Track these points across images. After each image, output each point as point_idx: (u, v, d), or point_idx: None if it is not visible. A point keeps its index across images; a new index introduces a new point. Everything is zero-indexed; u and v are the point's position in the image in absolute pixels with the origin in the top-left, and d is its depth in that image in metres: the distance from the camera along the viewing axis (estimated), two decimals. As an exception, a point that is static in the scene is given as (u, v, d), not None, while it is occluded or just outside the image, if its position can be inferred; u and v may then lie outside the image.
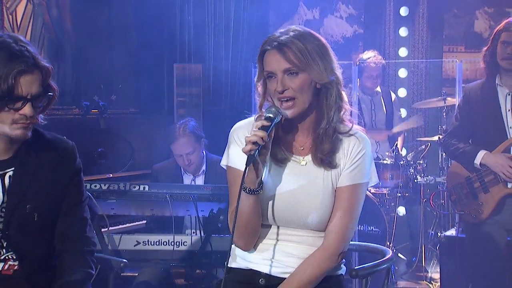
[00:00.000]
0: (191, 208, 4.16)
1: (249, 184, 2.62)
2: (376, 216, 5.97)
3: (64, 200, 2.82)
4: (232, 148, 2.83)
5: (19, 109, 2.59)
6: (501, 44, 4.26)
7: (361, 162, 2.76)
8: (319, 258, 2.74)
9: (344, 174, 2.75)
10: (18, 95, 2.57)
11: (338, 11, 8.06)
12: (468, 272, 4.71)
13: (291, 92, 2.63)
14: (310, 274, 2.72)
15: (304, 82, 2.64)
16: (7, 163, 2.74)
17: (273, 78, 2.66)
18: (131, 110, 7.16)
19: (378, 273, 2.99)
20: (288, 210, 2.75)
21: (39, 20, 6.24)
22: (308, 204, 2.74)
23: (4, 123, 2.61)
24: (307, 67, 2.62)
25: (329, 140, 2.72)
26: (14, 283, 2.72)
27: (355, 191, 2.77)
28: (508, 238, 4.42)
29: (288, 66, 2.62)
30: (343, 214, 2.75)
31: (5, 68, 2.54)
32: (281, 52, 2.62)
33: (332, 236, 2.75)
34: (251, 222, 2.71)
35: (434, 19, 7.81)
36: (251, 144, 2.52)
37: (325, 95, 2.71)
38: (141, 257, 4.13)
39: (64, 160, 2.84)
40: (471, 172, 4.42)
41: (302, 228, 2.77)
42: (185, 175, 5.18)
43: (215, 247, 4.10)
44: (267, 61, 2.68)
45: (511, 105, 4.30)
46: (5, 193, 2.72)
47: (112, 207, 4.18)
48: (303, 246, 2.78)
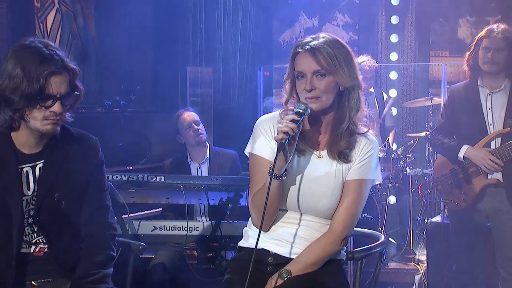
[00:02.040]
0: (203, 197, 4.15)
1: (277, 170, 2.63)
2: (369, 205, 5.95)
3: (88, 190, 2.83)
4: (257, 138, 2.85)
5: (49, 107, 2.62)
6: (483, 50, 4.25)
7: (369, 160, 2.81)
8: (325, 242, 2.77)
9: (353, 169, 2.79)
10: (49, 94, 2.60)
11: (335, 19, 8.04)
12: (452, 255, 4.70)
13: (318, 92, 2.67)
14: (316, 255, 2.75)
15: (329, 84, 2.68)
16: (37, 156, 2.75)
17: (303, 78, 2.70)
18: (148, 108, 7.16)
19: (371, 255, 2.99)
20: (302, 196, 2.78)
21: (67, 28, 6.24)
22: (320, 193, 2.78)
23: (36, 119, 2.62)
24: (334, 71, 2.67)
25: (347, 138, 2.76)
26: (44, 264, 2.74)
27: (362, 185, 2.81)
28: (488, 224, 4.41)
29: (317, 68, 2.66)
30: (349, 204, 2.78)
31: (37, 70, 2.56)
32: (313, 55, 2.66)
33: (338, 223, 2.78)
34: (273, 205, 2.72)
35: (421, 27, 7.79)
36: (282, 134, 2.55)
37: (347, 97, 2.75)
38: (157, 241, 4.12)
39: (88, 153, 2.84)
40: (455, 165, 4.41)
41: (312, 214, 2.80)
42: (192, 163, 5.19)
43: (224, 232, 4.10)
44: (298, 62, 2.71)
45: (491, 104, 4.28)
46: (36, 183, 2.73)
47: (132, 196, 4.17)
48: (311, 230, 2.81)
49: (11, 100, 2.59)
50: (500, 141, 4.24)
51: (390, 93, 7.61)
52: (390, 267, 6.12)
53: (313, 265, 2.75)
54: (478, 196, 4.32)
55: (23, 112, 2.62)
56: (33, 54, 2.59)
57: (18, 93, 2.57)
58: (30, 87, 2.56)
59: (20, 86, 2.56)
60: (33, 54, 2.59)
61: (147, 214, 5.21)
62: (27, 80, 2.56)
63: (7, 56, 2.63)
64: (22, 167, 2.73)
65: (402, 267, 6.13)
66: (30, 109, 2.61)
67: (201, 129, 5.18)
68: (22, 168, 2.73)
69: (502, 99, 4.27)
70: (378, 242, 3.07)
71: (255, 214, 2.80)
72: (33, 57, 2.59)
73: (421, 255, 6.25)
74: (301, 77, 2.71)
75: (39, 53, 2.60)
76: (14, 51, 2.63)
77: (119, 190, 3.95)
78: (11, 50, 2.65)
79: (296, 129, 2.58)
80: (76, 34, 6.37)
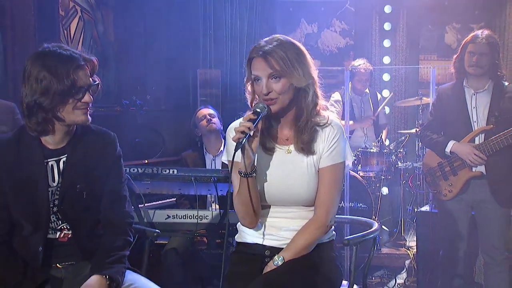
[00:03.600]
0: (212, 188, 4.14)
1: (243, 168, 2.61)
2: (364, 195, 5.95)
3: (107, 181, 2.83)
4: (228, 145, 2.81)
5: (81, 98, 2.63)
6: (468, 54, 4.24)
7: (337, 145, 2.74)
8: (311, 228, 2.73)
9: (324, 157, 2.74)
10: (79, 86, 2.61)
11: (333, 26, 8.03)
12: (439, 241, 4.70)
13: (275, 94, 2.63)
14: (304, 241, 2.71)
15: (285, 85, 2.63)
16: (61, 151, 2.76)
17: (260, 81, 2.66)
18: (162, 107, 7.16)
19: (366, 241, 2.99)
20: (279, 192, 2.74)
21: (88, 34, 6.25)
22: (296, 185, 2.74)
23: (70, 113, 2.65)
24: (288, 73, 2.62)
25: (308, 131, 2.72)
26: (68, 248, 2.75)
27: (335, 169, 2.75)
28: (472, 213, 4.41)
29: (271, 72, 2.61)
30: (327, 190, 2.74)
31: (64, 67, 2.57)
32: (265, 59, 2.62)
33: (320, 209, 2.74)
34: (250, 203, 2.69)
35: (412, 33, 7.78)
36: (239, 133, 2.53)
37: (304, 94, 2.70)
38: (170, 228, 4.12)
39: (107, 148, 2.84)
40: (443, 159, 4.41)
41: (294, 205, 2.77)
42: (206, 155, 5.18)
43: (231, 220, 4.07)
44: (254, 67, 2.67)
45: (475, 104, 4.28)
46: (60, 175, 2.74)
47: (147, 187, 4.17)
48: (297, 220, 2.77)
49: (42, 102, 2.59)
50: (484, 137, 4.24)
51: (383, 93, 7.60)
52: (383, 252, 6.13)
53: (303, 250, 2.71)
54: (463, 187, 4.32)
55: (55, 110, 2.62)
56: (54, 56, 2.60)
57: (50, 93, 2.57)
58: (62, 84, 2.57)
59: (50, 86, 2.56)
60: (54, 56, 2.60)
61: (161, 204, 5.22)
62: (57, 79, 2.56)
63: (27, 66, 2.61)
64: (47, 161, 2.74)
65: (394, 252, 6.13)
66: (63, 105, 2.62)
67: (214, 120, 5.16)
68: (47, 162, 2.74)
69: (485, 99, 4.27)
70: (372, 229, 3.08)
71: (239, 215, 2.76)
72: (55, 58, 2.59)
73: (411, 241, 6.26)
74: (258, 80, 2.67)
75: (59, 54, 2.61)
76: (33, 60, 2.61)
77: (135, 182, 3.95)
78: (29, 61, 2.62)
79: (253, 127, 2.55)
80: (96, 40, 6.38)
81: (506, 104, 4.22)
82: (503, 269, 4.33)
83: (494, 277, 4.34)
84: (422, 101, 6.41)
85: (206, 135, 5.18)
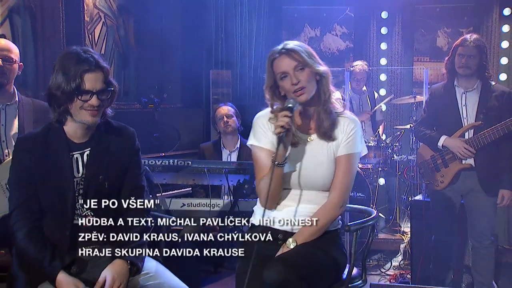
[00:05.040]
0: (223, 179, 4.16)
1: (278, 158, 2.64)
2: (363, 185, 5.95)
3: (127, 172, 2.84)
4: (256, 132, 2.86)
5: (87, 101, 2.64)
6: (458, 56, 4.24)
7: (354, 137, 2.81)
8: (325, 211, 2.77)
9: (342, 146, 2.79)
10: (85, 89, 2.62)
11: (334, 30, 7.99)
12: (431, 227, 4.68)
13: (303, 83, 2.70)
14: (319, 221, 2.73)
15: (309, 75, 2.72)
16: (85, 145, 2.77)
17: (286, 77, 2.71)
18: (178, 105, 7.17)
19: (365, 228, 2.99)
20: (301, 175, 2.78)
21: (111, 38, 6.26)
22: (316, 169, 2.78)
23: (77, 111, 2.67)
24: (310, 63, 2.70)
25: (328, 117, 2.78)
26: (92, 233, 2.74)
27: (351, 158, 2.80)
28: (462, 202, 4.40)
29: (296, 64, 2.70)
30: (342, 176, 2.78)
31: (74, 69, 2.60)
32: (289, 55, 2.71)
33: (334, 193, 2.78)
34: (276, 189, 2.73)
35: (406, 37, 7.74)
36: (280, 128, 2.59)
37: (321, 83, 2.77)
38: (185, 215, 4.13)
39: (127, 142, 2.86)
40: (435, 152, 4.40)
41: (311, 189, 2.80)
42: (223, 150, 5.18)
43: (241, 208, 4.11)
44: (278, 65, 2.73)
45: (465, 102, 4.28)
46: (84, 167, 2.75)
47: (164, 178, 4.19)
48: (311, 205, 2.80)
49: (56, 97, 2.64)
50: (473, 132, 4.24)
51: (380, 92, 7.57)
52: (380, 237, 6.12)
53: (316, 232, 2.74)
54: (454, 178, 4.32)
55: (66, 106, 2.66)
56: (72, 57, 2.63)
57: (60, 90, 2.61)
58: (69, 85, 2.60)
59: (61, 85, 2.61)
60: (72, 57, 2.64)
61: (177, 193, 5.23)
62: (66, 78, 2.60)
63: (56, 63, 2.68)
64: (73, 154, 2.76)
65: (390, 238, 6.13)
66: (71, 103, 2.65)
67: (231, 122, 5.14)
68: (73, 155, 2.76)
69: (474, 97, 4.27)
70: (370, 216, 3.07)
71: (261, 197, 2.80)
72: (71, 59, 2.63)
73: (405, 227, 6.25)
74: (285, 77, 2.73)
75: (77, 56, 2.63)
76: (59, 58, 2.69)
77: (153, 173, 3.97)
78: (58, 57, 2.70)
79: (290, 122, 2.61)
80: (118, 43, 6.39)
81: (493, 102, 4.22)
82: (489, 252, 4.35)
83: (481, 260, 4.36)
84: (416, 99, 6.38)
85: (222, 133, 5.19)
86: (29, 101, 3.64)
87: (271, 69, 2.77)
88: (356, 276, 2.96)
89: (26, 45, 5.02)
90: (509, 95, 4.26)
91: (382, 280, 5.33)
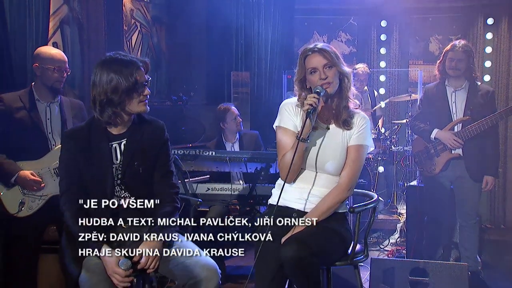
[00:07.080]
0: (243, 166, 4.18)
1: (304, 134, 2.66)
2: (364, 172, 5.95)
3: (158, 159, 2.86)
4: (282, 115, 2.86)
5: (144, 92, 2.70)
6: (448, 59, 4.24)
7: (364, 131, 2.83)
8: (335, 193, 2.78)
9: (353, 137, 2.81)
10: (140, 82, 2.67)
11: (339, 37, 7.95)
12: (424, 209, 4.68)
13: (330, 78, 2.74)
14: (329, 203, 2.76)
15: (335, 73, 2.75)
16: (122, 135, 2.81)
17: (316, 72, 2.75)
18: (203, 102, 7.17)
19: (366, 210, 2.99)
20: (317, 157, 2.79)
21: (145, 44, 6.31)
22: (330, 155, 2.79)
23: (134, 105, 2.72)
24: (336, 63, 2.75)
25: (346, 111, 2.81)
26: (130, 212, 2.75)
27: (360, 149, 2.82)
28: (451, 187, 4.39)
29: (326, 62, 2.73)
30: (352, 163, 2.80)
31: (127, 69, 2.64)
32: (321, 53, 2.75)
33: (344, 178, 2.79)
34: (297, 163, 2.74)
35: (403, 42, 7.69)
36: (308, 105, 2.62)
37: (344, 81, 2.80)
38: (210, 198, 4.17)
39: (157, 133, 2.88)
40: (428, 143, 4.38)
41: (324, 172, 2.81)
42: (226, 143, 5.15)
43: (258, 192, 4.13)
44: (310, 61, 2.77)
45: (455, 99, 4.27)
46: (121, 155, 2.79)
47: (191, 165, 4.21)
48: (323, 188, 2.81)
49: (112, 99, 2.66)
50: (461, 126, 4.24)
51: (380, 91, 7.54)
52: (379, 218, 6.13)
53: (326, 212, 2.75)
54: (445, 166, 4.31)
55: (124, 104, 2.69)
56: (117, 62, 2.66)
57: (119, 90, 2.64)
58: (128, 82, 2.64)
59: (119, 85, 2.63)
60: (117, 62, 2.67)
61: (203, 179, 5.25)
62: (123, 78, 2.63)
63: (96, 72, 2.68)
64: (111, 143, 2.79)
65: (388, 218, 6.14)
66: (130, 99, 2.69)
67: (239, 120, 5.14)
68: (111, 144, 2.79)
69: (463, 96, 4.26)
70: (372, 200, 3.07)
71: (283, 171, 2.79)
72: (118, 63, 2.66)
73: (401, 209, 6.23)
74: (314, 72, 2.76)
75: (120, 60, 2.67)
76: (100, 67, 2.68)
77: (182, 161, 3.99)
78: (97, 68, 2.69)
79: (317, 102, 2.65)
80: (152, 49, 6.43)
81: (478, 100, 4.22)
82: (474, 230, 4.35)
83: (467, 237, 4.35)
84: (412, 97, 6.35)
85: (232, 131, 5.14)
86: (67, 100, 3.70)
87: (303, 64, 2.80)
88: (359, 252, 2.96)
89: (74, 51, 5.11)
90: (492, 93, 4.29)
91: (381, 255, 5.34)
